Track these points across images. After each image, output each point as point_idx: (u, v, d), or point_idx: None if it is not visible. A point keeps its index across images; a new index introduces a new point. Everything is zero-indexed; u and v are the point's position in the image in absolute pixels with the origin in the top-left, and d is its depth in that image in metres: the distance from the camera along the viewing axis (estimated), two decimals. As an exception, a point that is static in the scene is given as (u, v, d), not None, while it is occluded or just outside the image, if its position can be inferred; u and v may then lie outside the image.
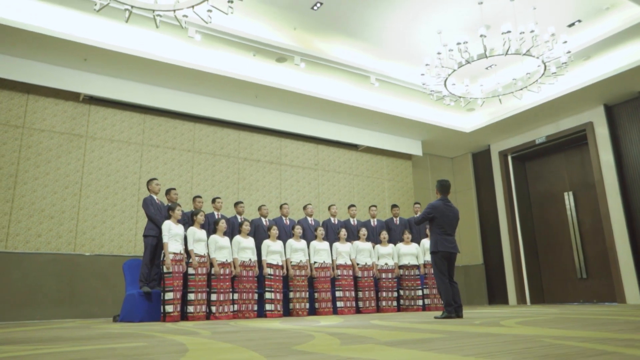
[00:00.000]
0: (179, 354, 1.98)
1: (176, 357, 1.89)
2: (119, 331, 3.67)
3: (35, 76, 7.38)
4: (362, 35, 8.01)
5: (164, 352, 2.05)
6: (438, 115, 10.56)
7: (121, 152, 8.07)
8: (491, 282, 11.44)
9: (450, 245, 4.94)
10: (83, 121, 7.85)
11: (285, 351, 2.00)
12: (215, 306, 5.86)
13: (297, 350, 2.03)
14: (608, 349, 1.80)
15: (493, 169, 11.58)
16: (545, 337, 2.31)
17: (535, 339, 2.28)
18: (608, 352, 1.72)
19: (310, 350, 2.02)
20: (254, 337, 2.77)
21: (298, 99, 8.97)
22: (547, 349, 1.86)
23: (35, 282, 6.99)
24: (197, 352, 2.04)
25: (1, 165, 7.11)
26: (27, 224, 7.13)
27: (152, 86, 8.27)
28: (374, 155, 10.98)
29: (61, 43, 6.94)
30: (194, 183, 8.63)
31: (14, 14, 6.59)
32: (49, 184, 7.38)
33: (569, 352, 1.73)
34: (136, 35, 7.32)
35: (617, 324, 3.23)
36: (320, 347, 2.13)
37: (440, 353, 1.81)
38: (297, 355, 1.87)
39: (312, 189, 9.96)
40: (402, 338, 2.50)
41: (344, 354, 1.86)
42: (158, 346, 2.34)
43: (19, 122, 7.36)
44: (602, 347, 1.85)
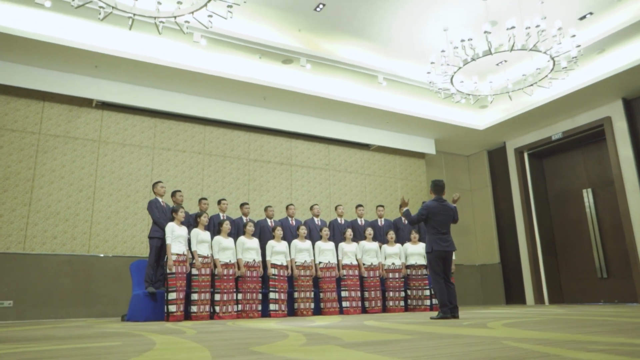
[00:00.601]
0: (138, 353, 2.05)
1: (133, 355, 1.96)
2: (111, 330, 3.78)
3: (50, 84, 7.64)
4: (368, 34, 8.00)
5: (126, 351, 2.12)
6: (451, 113, 10.44)
7: (133, 156, 8.28)
8: (508, 281, 11.24)
9: (445, 244, 4.90)
10: (96, 126, 8.09)
11: (239, 351, 2.05)
12: (219, 306, 5.96)
13: (252, 350, 2.08)
14: (553, 352, 1.77)
15: (509, 167, 11.37)
16: (508, 340, 2.29)
17: (496, 341, 2.26)
18: (550, 355, 1.70)
19: (265, 351, 2.06)
20: (229, 337, 2.83)
21: (307, 99, 9.02)
22: (497, 352, 1.85)
23: (51, 283, 7.25)
24: (156, 352, 2.10)
25: (19, 170, 7.40)
26: (44, 227, 7.40)
27: (162, 90, 8.46)
28: (386, 155, 10.94)
29: (73, 51, 7.17)
30: (204, 185, 8.78)
31: (28, 26, 6.83)
32: (63, 188, 7.64)
33: (512, 355, 1.72)
34: (145, 41, 7.50)
35: (608, 325, 3.16)
36: (278, 348, 2.16)
37: (383, 355, 1.83)
38: (247, 355, 1.92)
39: (323, 189, 9.99)
40: (368, 339, 2.51)
41: (292, 355, 1.89)
42: (128, 345, 2.42)
43: (35, 129, 7.64)
44: (548, 350, 1.83)
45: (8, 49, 7.07)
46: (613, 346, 1.92)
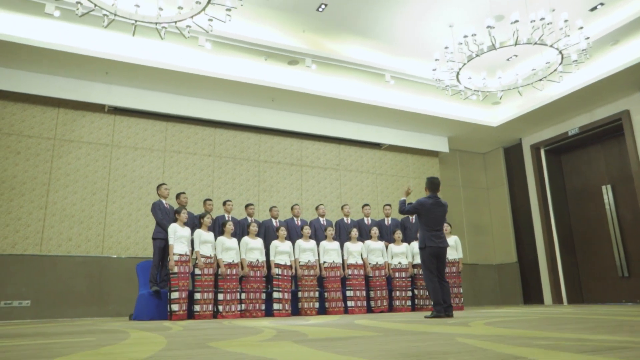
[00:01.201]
0: (98, 347, 2.12)
1: (94, 348, 2.04)
2: (103, 328, 3.90)
3: (64, 91, 7.91)
4: (372, 33, 7.99)
5: (90, 345, 2.20)
6: (463, 110, 10.31)
7: (144, 159, 8.49)
8: (526, 281, 11.02)
9: (438, 240, 4.85)
10: (109, 131, 8.33)
11: (193, 346, 2.10)
12: (222, 305, 6.06)
13: (207, 345, 2.13)
14: (490, 347, 1.76)
15: (525, 164, 11.14)
16: (464, 336, 2.27)
17: (451, 337, 2.25)
18: (485, 349, 1.69)
19: (219, 346, 2.11)
20: (201, 334, 2.89)
21: (315, 100, 9.06)
22: (436, 346, 1.85)
23: (67, 283, 7.50)
24: (119, 346, 2.17)
25: (35, 175, 7.68)
26: (59, 229, 7.66)
27: (172, 94, 8.64)
28: (398, 154, 10.88)
29: (84, 59, 7.41)
30: (214, 187, 8.92)
31: (42, 35, 7.09)
32: (78, 191, 7.89)
33: (446, 350, 1.72)
34: (153, 47, 7.67)
35: (595, 323, 3.09)
36: (234, 343, 2.21)
37: (326, 350, 1.85)
38: (197, 349, 1.97)
39: (334, 189, 10.01)
40: (333, 336, 2.53)
41: (239, 349, 1.93)
42: (99, 340, 2.51)
43: (51, 134, 7.92)
44: (489, 345, 1.82)
45: (23, 58, 7.35)
46: (564, 341, 1.89)
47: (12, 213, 7.42)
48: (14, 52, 7.17)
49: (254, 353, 1.80)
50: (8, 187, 7.48)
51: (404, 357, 1.56)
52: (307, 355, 1.70)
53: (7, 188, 7.47)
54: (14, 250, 7.33)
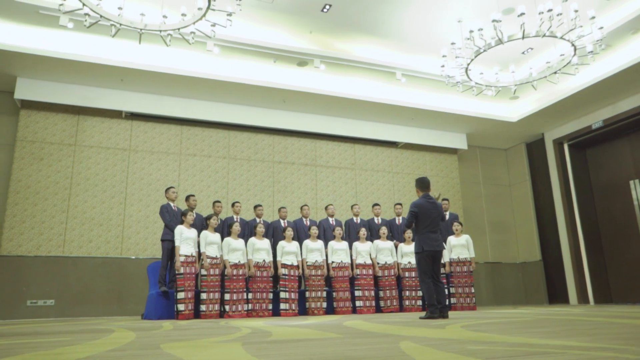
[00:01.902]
0: (60, 347, 2.24)
1: (53, 347, 2.15)
2: (96, 327, 4.07)
3: (83, 99, 8.24)
4: (380, 31, 7.94)
5: (51, 346, 2.32)
6: (481, 106, 10.12)
7: (161, 163, 8.74)
8: (551, 280, 10.70)
9: (435, 243, 4.79)
10: (126, 136, 8.62)
11: (145, 347, 2.18)
12: (229, 305, 6.18)
13: (158, 346, 2.21)
14: (414, 352, 1.76)
15: (548, 159, 10.82)
16: (411, 340, 2.27)
17: (396, 341, 2.25)
18: (407, 355, 1.69)
19: (167, 347, 2.18)
20: (174, 335, 2.98)
21: (327, 100, 9.09)
22: (364, 352, 1.86)
23: (88, 283, 7.82)
24: (77, 347, 2.28)
25: (57, 180, 8.04)
26: (80, 231, 7.99)
27: (186, 99, 8.85)
28: (415, 152, 10.77)
29: (100, 67, 7.70)
30: (229, 188, 9.09)
31: (60, 47, 7.41)
32: (97, 195, 8.21)
33: (373, 355, 1.73)
34: (165, 53, 7.87)
35: (575, 325, 3.00)
36: (186, 345, 2.28)
37: (258, 354, 1.89)
38: (143, 350, 2.05)
39: (349, 188, 10.01)
40: (294, 337, 2.57)
41: (181, 351, 2.00)
42: (71, 340, 2.63)
43: (72, 141, 8.27)
44: (414, 351, 1.81)
45: (44, 69, 7.70)
46: (499, 346, 1.86)
47: (36, 217, 7.79)
48: (35, 64, 7.53)
49: (187, 355, 1.86)
50: (32, 191, 7.86)
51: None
52: (231, 357, 1.75)
53: (31, 193, 7.85)
54: (39, 252, 7.70)
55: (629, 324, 3.11)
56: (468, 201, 11.13)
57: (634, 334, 2.41)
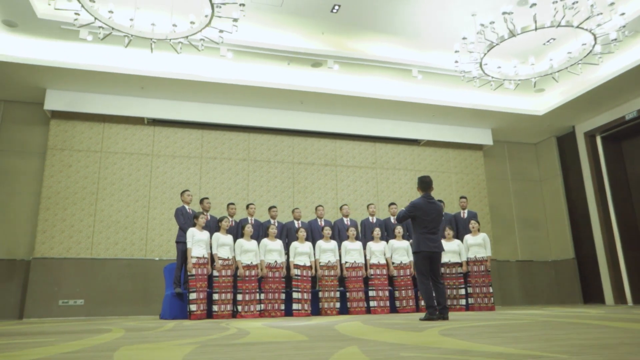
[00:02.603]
0: (36, 347, 2.37)
1: (35, 345, 2.29)
2: (101, 327, 4.25)
3: (108, 107, 8.59)
4: (392, 29, 7.85)
5: (34, 345, 2.46)
6: (505, 100, 9.82)
7: (182, 166, 8.99)
8: (585, 279, 10.26)
9: (433, 244, 4.70)
10: (149, 141, 8.91)
11: (103, 349, 2.28)
12: (241, 305, 6.30)
13: (115, 348, 2.30)
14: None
15: (579, 153, 10.37)
16: (361, 344, 2.26)
17: (348, 344, 2.24)
18: None
19: (126, 350, 2.27)
20: (153, 336, 3.08)
21: (344, 100, 9.09)
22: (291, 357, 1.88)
23: (115, 284, 8.15)
24: (52, 348, 2.41)
25: (85, 185, 8.42)
26: (107, 234, 8.34)
27: (205, 104, 9.06)
28: (437, 149, 10.58)
29: (121, 77, 8.01)
30: (250, 190, 9.23)
31: (84, 59, 7.75)
32: (122, 199, 8.54)
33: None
34: (182, 60, 8.08)
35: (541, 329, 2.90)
36: (147, 347, 2.36)
37: (203, 355, 1.94)
38: (99, 352, 2.14)
39: (370, 187, 9.96)
40: (264, 340, 2.61)
41: (134, 352, 2.08)
42: (54, 340, 2.78)
43: (98, 148, 8.64)
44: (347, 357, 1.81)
45: (70, 81, 8.09)
46: (441, 354, 1.84)
47: (66, 220, 8.20)
48: (62, 76, 7.91)
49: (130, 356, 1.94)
50: (62, 197, 8.27)
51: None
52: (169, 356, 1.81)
53: (61, 198, 8.26)
54: (69, 254, 8.09)
55: (626, 328, 2.97)
56: (495, 198, 10.82)
57: (605, 339, 2.30)
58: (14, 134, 8.52)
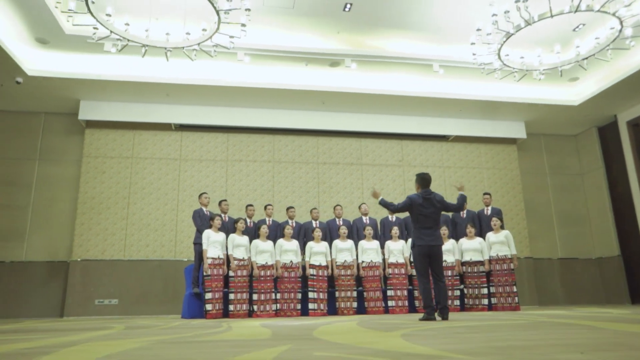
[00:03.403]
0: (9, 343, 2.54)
1: (16, 341, 2.45)
2: (107, 325, 4.46)
3: (137, 115, 8.98)
4: (408, 24, 7.71)
5: (15, 342, 2.64)
6: (537, 91, 9.40)
7: (209, 170, 9.24)
8: (632, 277, 9.63)
9: (428, 238, 4.56)
10: (176, 146, 9.23)
11: (56, 347, 2.41)
12: (257, 305, 6.40)
13: (81, 344, 2.42)
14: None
15: (622, 143, 9.75)
16: (299, 346, 2.25)
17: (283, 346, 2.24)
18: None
19: (79, 347, 2.38)
20: (144, 332, 3.20)
21: (365, 98, 9.04)
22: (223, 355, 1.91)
23: (146, 284, 8.51)
24: (25, 344, 2.57)
25: (118, 190, 8.84)
26: (138, 237, 8.71)
27: (230, 108, 9.27)
28: (467, 144, 10.27)
29: (147, 85, 8.35)
30: (275, 191, 9.35)
31: (113, 70, 8.14)
32: (152, 202, 8.90)
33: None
34: (205, 66, 8.29)
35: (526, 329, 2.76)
36: (103, 345, 2.47)
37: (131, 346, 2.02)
38: (52, 349, 2.27)
39: (397, 185, 9.82)
40: (225, 338, 2.66)
41: (84, 348, 2.18)
42: (44, 336, 2.96)
43: (129, 154, 9.04)
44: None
45: (101, 91, 8.52)
46: (359, 355, 1.81)
47: (100, 224, 8.64)
48: (94, 87, 8.35)
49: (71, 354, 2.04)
50: (97, 202, 8.73)
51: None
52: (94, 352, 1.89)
53: (96, 203, 8.72)
54: (104, 256, 8.52)
55: (606, 329, 2.78)
56: (530, 193, 10.37)
57: (549, 340, 2.17)
58: (53, 143, 9.08)
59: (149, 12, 6.83)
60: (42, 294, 8.42)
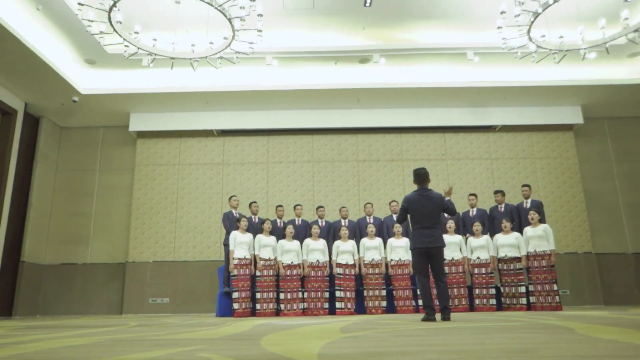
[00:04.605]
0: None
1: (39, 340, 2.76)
2: (124, 323, 4.77)
3: (182, 123, 9.48)
4: (437, 13, 7.43)
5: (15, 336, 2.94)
6: (592, 71, 8.67)
7: (250, 172, 9.53)
8: None
9: (427, 240, 4.36)
10: (219, 151, 9.62)
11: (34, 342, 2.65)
12: (284, 304, 6.51)
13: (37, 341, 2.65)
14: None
15: (698, 123, 8.69)
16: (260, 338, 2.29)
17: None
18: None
19: (44, 343, 2.60)
20: (156, 330, 3.42)
21: (402, 93, 8.87)
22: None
23: (194, 284, 8.96)
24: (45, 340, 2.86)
25: (166, 196, 9.39)
26: (186, 239, 9.20)
27: (268, 111, 9.49)
28: (517, 134, 9.69)
29: (187, 95, 8.80)
30: (315, 191, 9.44)
31: (157, 82, 8.68)
32: (198, 206, 9.35)
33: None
34: (239, 72, 8.57)
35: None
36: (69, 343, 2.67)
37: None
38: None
39: (440, 180, 9.49)
40: (217, 337, 2.79)
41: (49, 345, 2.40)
42: (44, 332, 3.26)
43: (176, 161, 9.57)
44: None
45: (146, 103, 9.10)
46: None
47: (152, 228, 9.23)
48: (142, 100, 8.95)
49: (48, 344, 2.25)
50: (148, 207, 9.34)
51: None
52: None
53: (147, 209, 9.33)
54: (155, 257, 9.10)
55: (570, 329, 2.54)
56: (592, 183, 9.55)
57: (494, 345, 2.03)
58: (111, 154, 9.84)
59: (175, 26, 7.19)
60: (104, 293, 9.16)
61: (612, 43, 6.75)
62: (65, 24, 7.08)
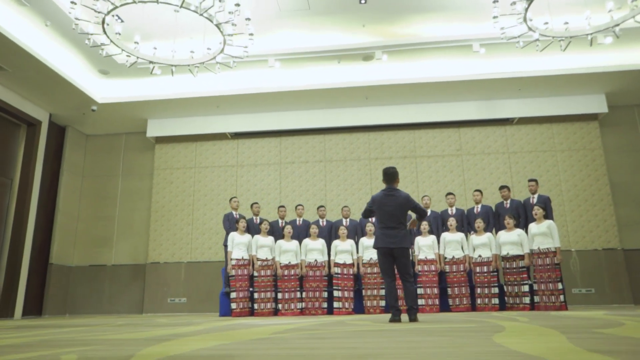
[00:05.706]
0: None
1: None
2: (131, 323, 4.98)
3: (197, 128, 9.74)
4: (436, 6, 7.25)
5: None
6: (613, 57, 8.18)
7: (264, 174, 9.66)
8: None
9: (389, 240, 4.25)
10: (233, 154, 9.81)
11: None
12: (282, 304, 6.57)
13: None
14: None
15: None
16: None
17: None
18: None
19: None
20: (143, 330, 3.58)
21: (411, 88, 8.72)
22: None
23: (210, 284, 9.17)
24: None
25: (183, 198, 9.69)
26: (202, 240, 9.45)
27: (279, 112, 9.58)
28: (536, 126, 9.27)
29: (199, 100, 9.03)
30: (327, 190, 9.44)
31: (170, 89, 8.97)
32: (214, 208, 9.57)
33: None
34: (246, 76, 8.71)
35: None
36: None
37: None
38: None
39: (455, 176, 9.25)
40: (160, 334, 2.90)
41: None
42: (36, 332, 3.48)
43: (192, 164, 9.85)
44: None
45: (163, 109, 9.41)
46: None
47: (170, 230, 9.55)
48: (157, 106, 9.27)
49: None
50: (166, 210, 9.66)
51: None
52: None
53: (165, 211, 9.66)
54: (173, 258, 9.41)
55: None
56: (618, 175, 8.99)
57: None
58: (132, 160, 10.25)
59: (174, 34, 7.40)
60: (126, 293, 9.56)
61: (622, 26, 6.35)
62: (74, 37, 7.45)
